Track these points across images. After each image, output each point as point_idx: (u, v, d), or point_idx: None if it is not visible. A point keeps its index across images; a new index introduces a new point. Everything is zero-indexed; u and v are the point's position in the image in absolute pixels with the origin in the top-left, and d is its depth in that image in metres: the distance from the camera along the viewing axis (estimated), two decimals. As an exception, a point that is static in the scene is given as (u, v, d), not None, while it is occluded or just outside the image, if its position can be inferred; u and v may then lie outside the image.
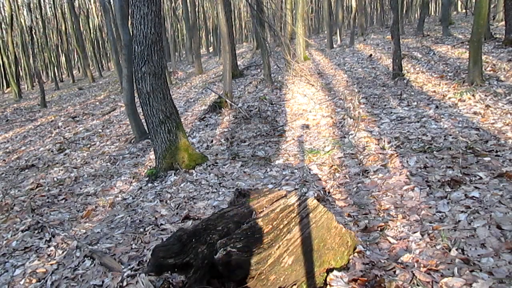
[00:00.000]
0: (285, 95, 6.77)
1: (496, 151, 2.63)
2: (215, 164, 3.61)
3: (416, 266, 1.55)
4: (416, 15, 26.01)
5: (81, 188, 3.80)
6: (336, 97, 6.03)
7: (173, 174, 3.45)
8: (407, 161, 2.72)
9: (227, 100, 6.06)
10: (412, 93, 5.21)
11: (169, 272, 1.62)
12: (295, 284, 1.44)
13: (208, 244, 1.40)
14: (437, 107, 4.24)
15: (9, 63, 18.95)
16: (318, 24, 30.58)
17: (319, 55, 13.25)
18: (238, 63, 11.77)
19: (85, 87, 16.54)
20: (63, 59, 31.03)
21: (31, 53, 16.85)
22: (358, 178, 2.70)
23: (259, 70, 10.51)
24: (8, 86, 23.43)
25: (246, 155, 3.83)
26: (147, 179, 3.63)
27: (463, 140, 2.95)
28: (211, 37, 26.40)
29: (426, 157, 2.72)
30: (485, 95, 4.21)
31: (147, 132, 4.09)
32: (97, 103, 11.24)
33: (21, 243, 2.55)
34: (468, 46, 5.38)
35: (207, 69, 13.68)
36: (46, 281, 2.02)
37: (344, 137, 3.78)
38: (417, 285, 1.41)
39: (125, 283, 1.79)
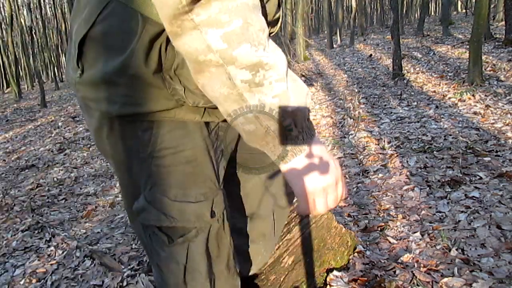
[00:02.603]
0: (285, 95, 6.76)
1: (496, 151, 2.63)
2: (215, 164, 3.61)
3: (416, 266, 1.55)
4: (416, 15, 26.02)
5: (81, 188, 3.81)
6: (336, 97, 6.03)
7: (173, 174, 3.46)
8: (407, 161, 2.72)
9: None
10: (412, 93, 5.21)
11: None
12: (295, 285, 1.44)
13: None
14: (437, 107, 4.25)
15: (9, 63, 18.98)
16: (318, 24, 30.60)
17: (319, 55, 13.27)
18: (238, 63, 11.76)
19: (85, 87, 16.50)
20: (63, 59, 31.03)
21: (31, 53, 16.88)
22: (358, 178, 2.70)
23: (259, 70, 10.48)
24: (8, 86, 23.44)
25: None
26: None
27: (463, 140, 2.95)
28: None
29: (426, 157, 2.72)
30: (485, 95, 4.21)
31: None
32: (97, 103, 11.23)
33: (21, 243, 2.55)
34: (468, 46, 5.38)
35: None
36: (46, 281, 2.02)
37: (344, 137, 3.78)
38: (417, 285, 1.41)
39: (125, 283, 1.79)
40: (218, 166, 0.81)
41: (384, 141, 3.25)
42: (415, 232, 1.82)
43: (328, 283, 1.47)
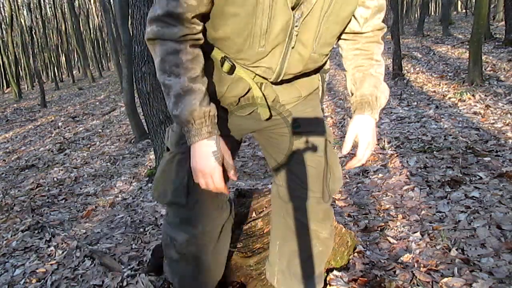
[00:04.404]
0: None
1: (496, 151, 2.63)
2: (215, 164, 3.60)
3: (416, 266, 1.55)
4: (416, 15, 26.00)
5: (81, 188, 3.81)
6: (336, 97, 6.03)
7: (173, 174, 3.45)
8: (407, 161, 2.72)
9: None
10: (412, 93, 5.21)
11: (169, 272, 1.61)
12: (295, 284, 1.44)
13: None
14: (437, 107, 4.24)
15: (9, 63, 18.96)
16: (318, 24, 30.51)
17: (319, 55, 13.22)
18: (238, 63, 11.75)
19: (85, 87, 16.54)
20: (63, 59, 31.02)
21: (31, 53, 16.87)
22: (358, 178, 2.70)
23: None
24: (8, 86, 23.43)
25: (246, 155, 3.84)
26: (147, 179, 3.63)
27: (463, 140, 2.95)
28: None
29: (426, 157, 2.72)
30: (485, 95, 4.21)
31: (147, 132, 4.09)
32: (97, 103, 11.25)
33: (21, 243, 2.55)
34: (468, 46, 5.38)
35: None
36: (46, 281, 2.02)
37: (344, 137, 3.78)
38: (417, 285, 1.41)
39: (125, 283, 1.79)
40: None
41: (384, 141, 3.25)
42: (415, 232, 1.82)
43: (328, 283, 1.47)
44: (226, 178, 0.96)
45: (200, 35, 0.91)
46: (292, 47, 0.93)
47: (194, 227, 1.05)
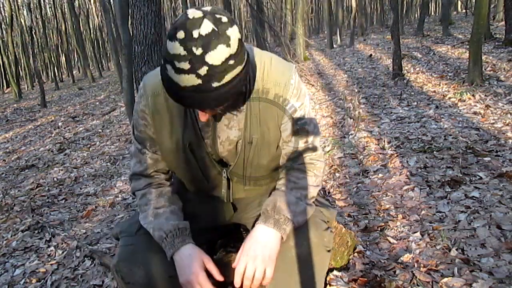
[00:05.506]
0: (285, 95, 6.75)
1: (496, 151, 2.63)
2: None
3: (416, 266, 1.55)
4: (416, 15, 26.02)
5: (81, 188, 3.81)
6: (336, 97, 6.03)
7: (173, 174, 3.45)
8: (407, 161, 2.72)
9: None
10: (412, 93, 5.21)
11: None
12: (295, 284, 1.43)
13: (208, 244, 1.41)
14: (437, 107, 4.24)
15: (9, 63, 18.96)
16: (318, 24, 30.61)
17: (319, 55, 13.27)
18: (238, 63, 11.75)
19: (85, 87, 16.54)
20: (63, 59, 31.02)
21: (31, 53, 16.86)
22: (358, 178, 2.70)
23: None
24: (8, 86, 23.43)
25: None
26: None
27: (463, 140, 2.95)
28: (211, 37, 26.37)
29: (426, 157, 2.72)
30: (485, 95, 4.21)
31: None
32: (97, 103, 11.25)
33: (21, 243, 2.55)
34: (468, 46, 5.38)
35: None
36: (46, 281, 2.02)
37: (344, 137, 3.78)
38: (417, 285, 1.41)
39: (125, 283, 1.79)
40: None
41: (384, 141, 3.25)
42: (415, 232, 1.82)
43: (328, 283, 1.47)
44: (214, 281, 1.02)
45: (164, 180, 1.15)
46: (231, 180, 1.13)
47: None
